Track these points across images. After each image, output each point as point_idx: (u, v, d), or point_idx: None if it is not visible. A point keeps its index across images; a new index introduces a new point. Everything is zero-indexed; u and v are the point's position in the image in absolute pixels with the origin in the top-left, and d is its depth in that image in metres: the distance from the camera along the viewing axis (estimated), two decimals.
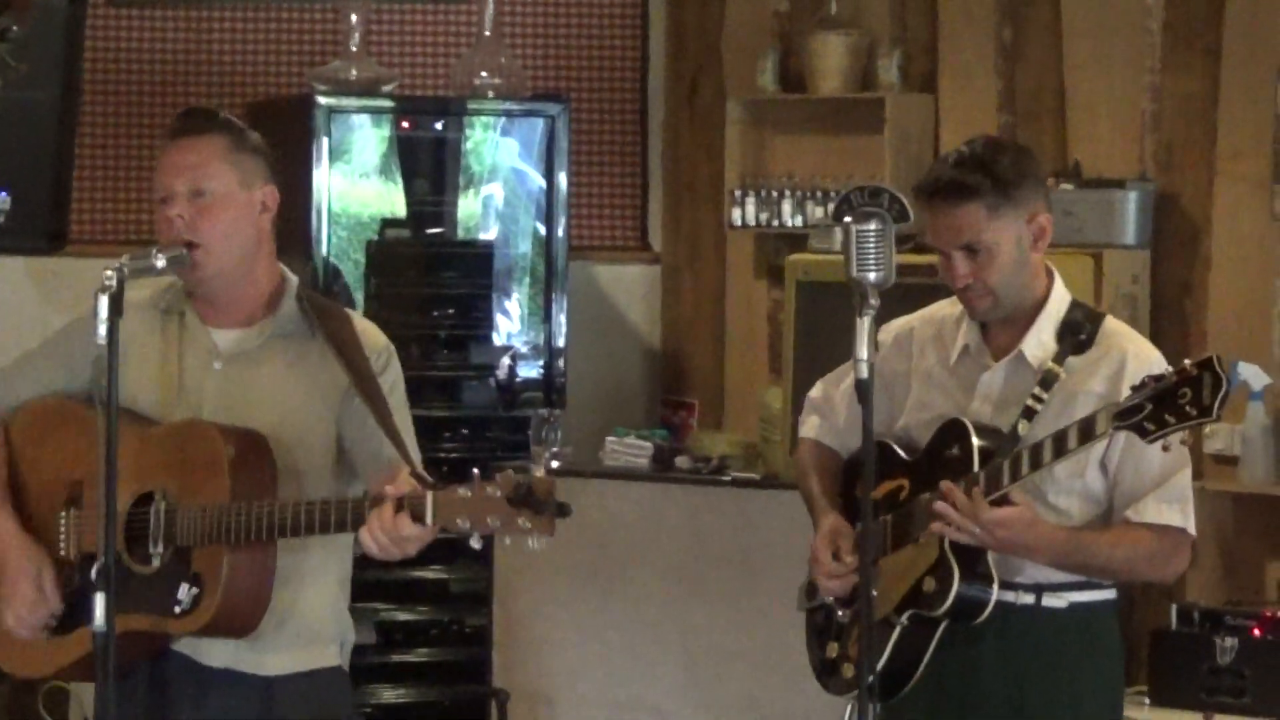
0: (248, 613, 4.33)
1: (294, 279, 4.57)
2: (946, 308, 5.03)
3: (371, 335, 4.54)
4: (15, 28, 5.57)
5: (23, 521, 4.50)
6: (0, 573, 4.45)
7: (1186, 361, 4.37)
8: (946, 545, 4.77)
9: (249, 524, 4.27)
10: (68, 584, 4.44)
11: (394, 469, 4.37)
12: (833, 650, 4.98)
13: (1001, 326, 4.88)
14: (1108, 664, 4.97)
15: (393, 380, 4.52)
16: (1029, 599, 4.79)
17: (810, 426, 5.08)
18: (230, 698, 4.41)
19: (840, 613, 4.94)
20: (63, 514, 4.45)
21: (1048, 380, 4.82)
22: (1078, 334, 4.84)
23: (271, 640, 4.39)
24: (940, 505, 4.65)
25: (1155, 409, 4.41)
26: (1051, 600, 4.82)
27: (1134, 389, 4.47)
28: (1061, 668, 4.91)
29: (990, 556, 4.73)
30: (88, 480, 4.39)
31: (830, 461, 5.06)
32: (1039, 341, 4.85)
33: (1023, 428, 4.75)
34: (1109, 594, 4.86)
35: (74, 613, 4.41)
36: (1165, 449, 4.48)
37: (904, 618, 4.85)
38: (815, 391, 5.13)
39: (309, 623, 4.48)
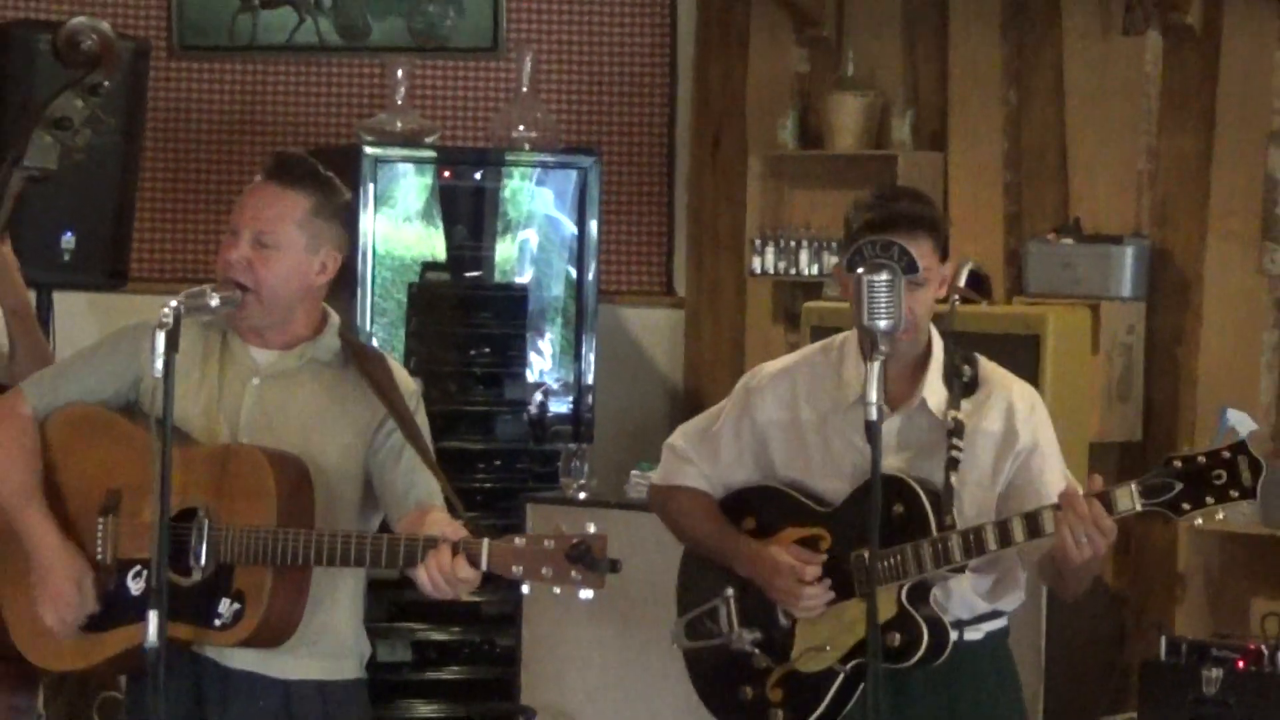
0: (283, 629, 4.32)
1: (336, 317, 4.55)
2: (818, 355, 4.93)
3: (404, 378, 4.51)
4: (107, 83, 5.59)
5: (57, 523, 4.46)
6: (40, 573, 4.43)
7: (1220, 448, 4.34)
8: (903, 598, 4.72)
9: (302, 550, 4.25)
10: (103, 587, 4.42)
11: (425, 508, 4.36)
12: (748, 692, 4.90)
13: (893, 373, 4.65)
14: (1015, 686, 4.94)
15: (422, 421, 4.50)
16: (954, 635, 4.72)
17: (686, 475, 4.94)
18: (251, 699, 4.39)
19: (756, 653, 4.88)
20: (100, 520, 4.44)
21: (960, 429, 4.69)
22: (961, 377, 4.76)
23: (295, 649, 4.38)
24: (1071, 518, 4.43)
25: (1189, 488, 4.36)
26: (970, 634, 4.75)
27: (1159, 468, 4.41)
28: (984, 694, 4.85)
29: (933, 599, 4.68)
30: (126, 489, 4.37)
31: (715, 505, 4.92)
32: (934, 388, 4.74)
33: (954, 480, 4.65)
34: (1005, 622, 4.83)
35: (107, 613, 4.41)
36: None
37: (848, 666, 4.80)
38: (677, 440, 5.03)
39: (333, 638, 4.46)
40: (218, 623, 4.29)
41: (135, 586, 4.36)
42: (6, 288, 5.51)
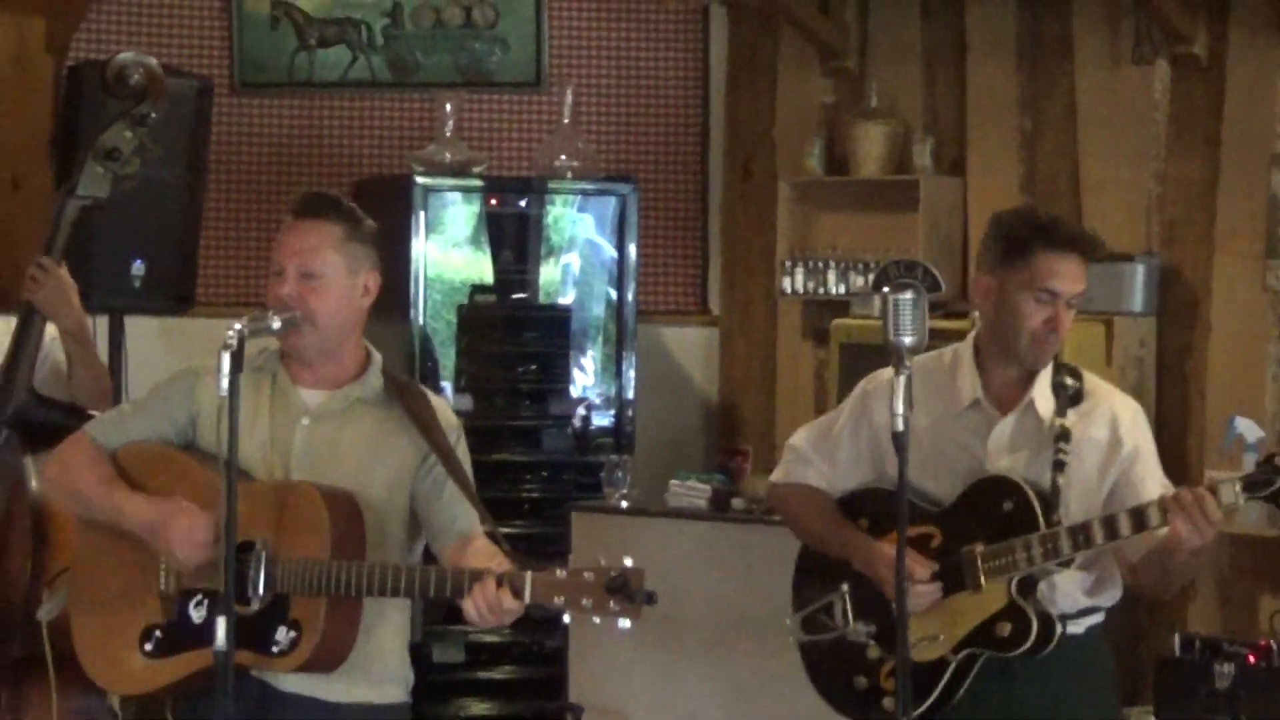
0: (336, 655, 4.33)
1: (378, 355, 4.56)
2: (932, 362, 4.96)
3: (445, 413, 4.53)
4: (154, 114, 5.59)
5: (121, 555, 4.46)
6: (151, 533, 4.38)
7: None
8: (1013, 590, 4.76)
9: (355, 581, 4.26)
10: (166, 616, 4.43)
11: (467, 538, 4.38)
12: (861, 682, 4.92)
13: (1005, 380, 4.84)
14: (1111, 679, 5.00)
15: (462, 453, 4.50)
16: (1059, 628, 4.78)
17: (807, 475, 4.99)
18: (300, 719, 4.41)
19: (871, 644, 4.90)
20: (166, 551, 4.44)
21: (1065, 434, 4.79)
22: (1068, 389, 4.85)
23: (346, 675, 4.37)
24: (1183, 505, 4.55)
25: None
26: (1073, 627, 4.80)
27: (1262, 465, 4.58)
28: (1085, 685, 4.89)
29: (1040, 593, 4.75)
30: None
31: (833, 504, 4.98)
32: (1044, 395, 4.82)
33: (1060, 481, 4.73)
34: (1102, 617, 4.87)
35: (173, 639, 4.41)
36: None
37: (960, 656, 4.82)
38: (799, 441, 5.04)
39: (381, 665, 4.46)
40: (275, 649, 4.30)
41: (197, 615, 4.37)
42: (64, 309, 5.52)
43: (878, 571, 4.82)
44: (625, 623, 4.10)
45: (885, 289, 4.49)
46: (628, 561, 4.10)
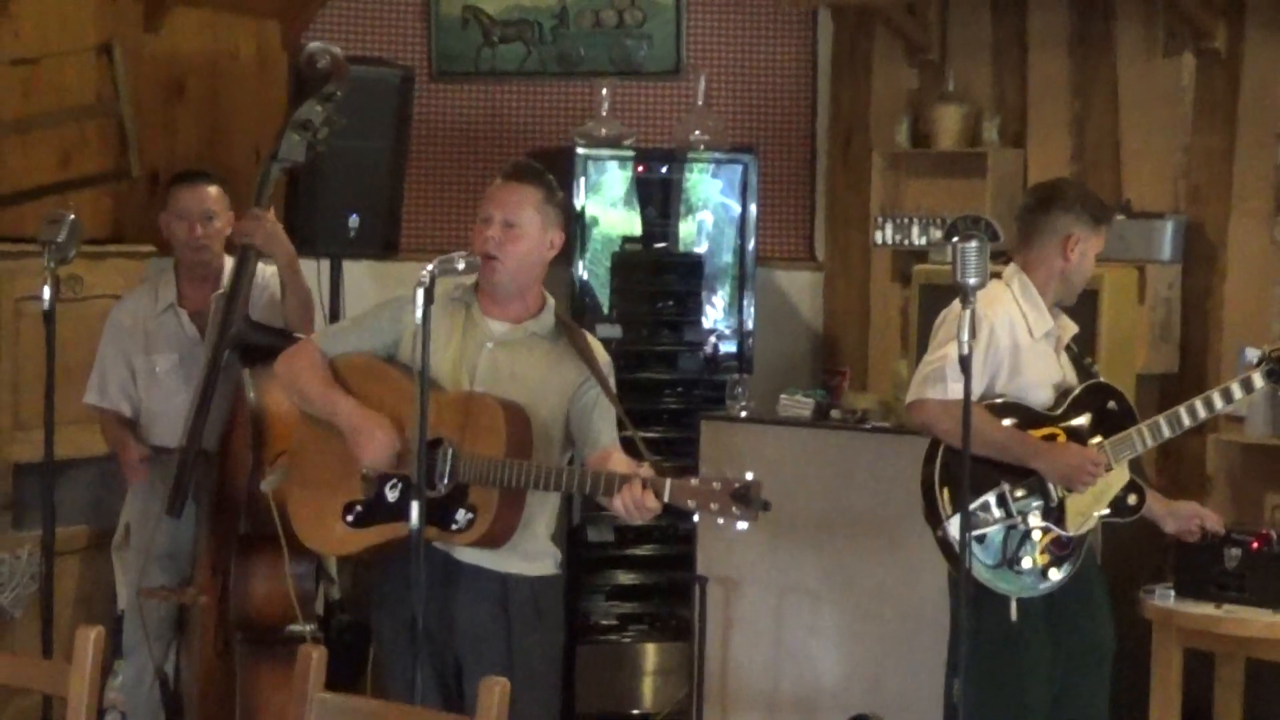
0: (503, 536, 4.38)
1: (552, 300, 4.60)
2: (1007, 300, 5.02)
3: (600, 351, 4.59)
4: (339, 92, 5.61)
5: (332, 442, 4.51)
6: (352, 434, 4.44)
7: None
8: (1129, 470, 4.91)
9: (526, 477, 4.30)
10: (366, 494, 4.47)
11: (607, 450, 4.43)
12: (1033, 560, 4.95)
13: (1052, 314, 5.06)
14: None
15: (612, 385, 4.54)
16: None
17: (955, 391, 4.69)
18: (477, 584, 4.46)
19: (1042, 526, 4.94)
20: None
21: (1075, 351, 5.12)
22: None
23: (509, 551, 4.43)
24: None
25: None
26: None
27: (1263, 358, 5.09)
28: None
29: None
30: (390, 419, 4.43)
31: (990, 414, 4.96)
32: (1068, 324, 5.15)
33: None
34: None
35: (370, 513, 4.45)
36: None
37: (1098, 525, 5.05)
38: (943, 363, 4.88)
39: (536, 544, 4.52)
40: (454, 527, 4.36)
41: (391, 495, 4.43)
42: (278, 245, 5.59)
43: (1067, 465, 4.92)
44: (743, 525, 4.11)
45: (954, 239, 4.49)
46: (749, 475, 4.10)
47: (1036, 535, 4.92)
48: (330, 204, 6.83)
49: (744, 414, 6.97)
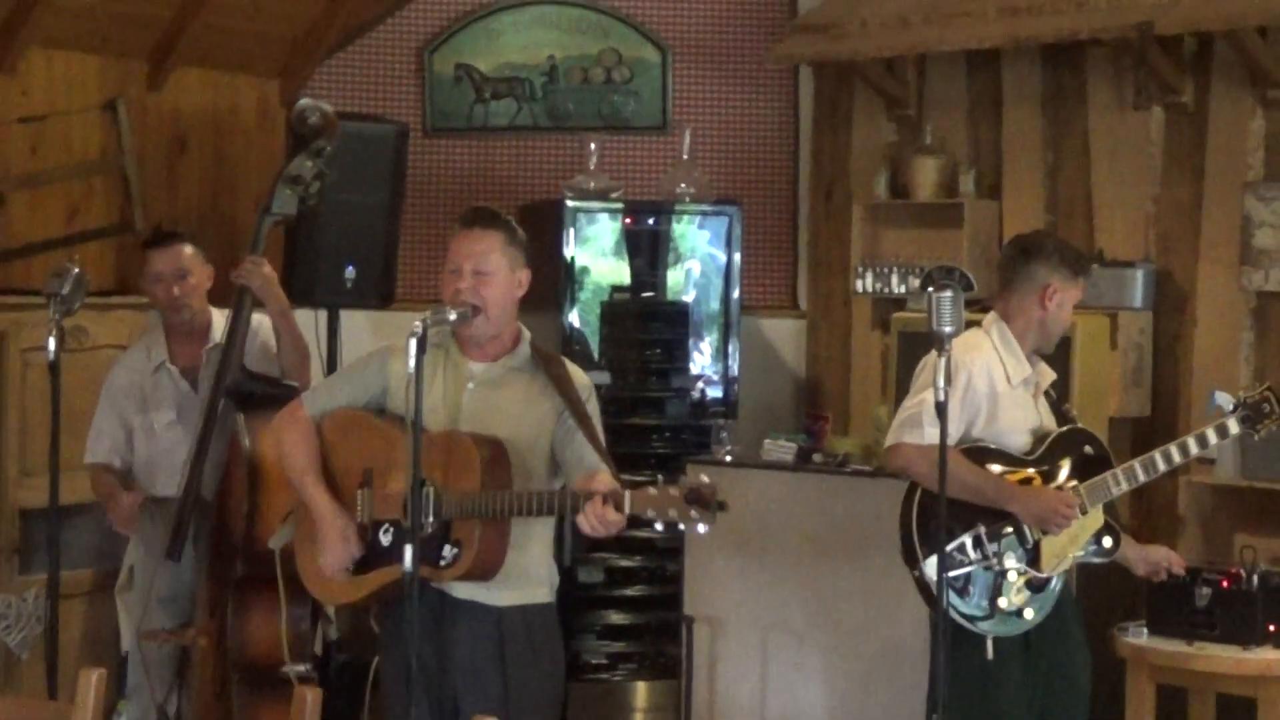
0: (491, 565, 4.38)
1: (528, 333, 4.61)
2: (986, 348, 5.03)
3: (579, 376, 4.58)
4: (329, 148, 5.62)
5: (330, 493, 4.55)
6: (319, 529, 4.51)
7: (1264, 388, 5.18)
8: (1105, 512, 4.93)
9: (500, 506, 4.31)
10: (363, 539, 4.50)
11: (594, 470, 4.41)
12: (1004, 602, 4.95)
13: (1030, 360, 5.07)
14: None
15: (593, 408, 4.56)
16: None
17: (931, 436, 4.78)
18: (471, 620, 4.46)
19: (1016, 568, 4.93)
20: (359, 492, 4.51)
21: (1054, 397, 5.11)
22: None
23: (502, 582, 4.43)
24: None
25: (1255, 415, 5.10)
26: None
27: (1238, 404, 5.12)
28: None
29: None
30: (377, 468, 4.47)
31: (966, 459, 4.96)
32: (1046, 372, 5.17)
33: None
34: None
35: (366, 561, 4.48)
36: None
37: (1072, 566, 5.01)
38: (920, 409, 4.92)
39: (529, 572, 4.51)
40: (442, 563, 4.37)
41: (385, 539, 4.45)
42: (273, 293, 5.59)
43: (1041, 508, 4.91)
44: (703, 527, 4.12)
45: (930, 289, 4.50)
46: (703, 478, 4.12)
47: (1012, 576, 4.92)
48: (327, 255, 6.84)
49: (729, 458, 6.97)
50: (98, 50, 7.19)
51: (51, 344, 5.13)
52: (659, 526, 4.17)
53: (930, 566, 4.85)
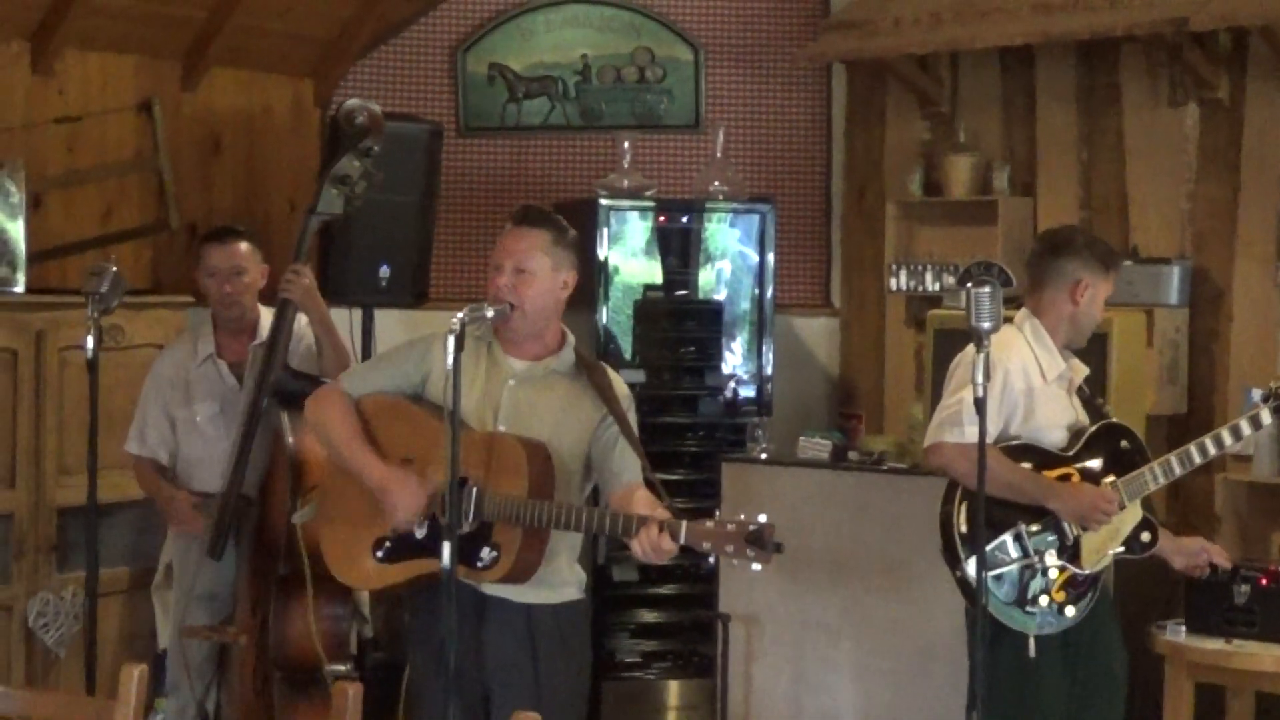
0: (526, 573, 4.36)
1: (572, 337, 4.58)
2: (1020, 345, 5.02)
3: (620, 386, 4.54)
4: (376, 148, 5.62)
5: (361, 481, 4.49)
6: (380, 493, 4.42)
7: None
8: (1142, 507, 4.90)
9: (548, 517, 4.28)
10: (395, 531, 4.46)
11: (631, 487, 4.38)
12: (1049, 598, 4.93)
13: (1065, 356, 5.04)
14: None
15: (632, 419, 4.52)
16: None
17: (971, 435, 4.74)
18: (502, 616, 4.44)
19: (1057, 565, 4.92)
20: None
21: (1087, 393, 5.06)
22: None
23: (533, 582, 4.41)
24: None
25: None
26: None
27: (1269, 394, 5.05)
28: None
29: None
30: (416, 459, 4.42)
31: (1004, 456, 4.96)
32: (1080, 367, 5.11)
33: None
34: None
35: (399, 549, 4.45)
36: None
37: (1112, 562, 5.03)
38: (960, 408, 4.89)
39: (559, 574, 4.50)
40: (479, 564, 4.34)
41: (420, 532, 4.41)
42: (314, 303, 5.60)
43: (1081, 505, 4.89)
44: (757, 566, 4.09)
45: (968, 285, 4.49)
46: (762, 518, 4.07)
47: (1053, 573, 4.90)
48: (362, 254, 6.85)
49: (764, 456, 6.96)
50: (133, 51, 7.21)
51: (90, 343, 5.13)
52: (712, 560, 4.16)
53: (973, 566, 4.82)
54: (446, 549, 4.16)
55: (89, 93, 7.09)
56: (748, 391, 7.72)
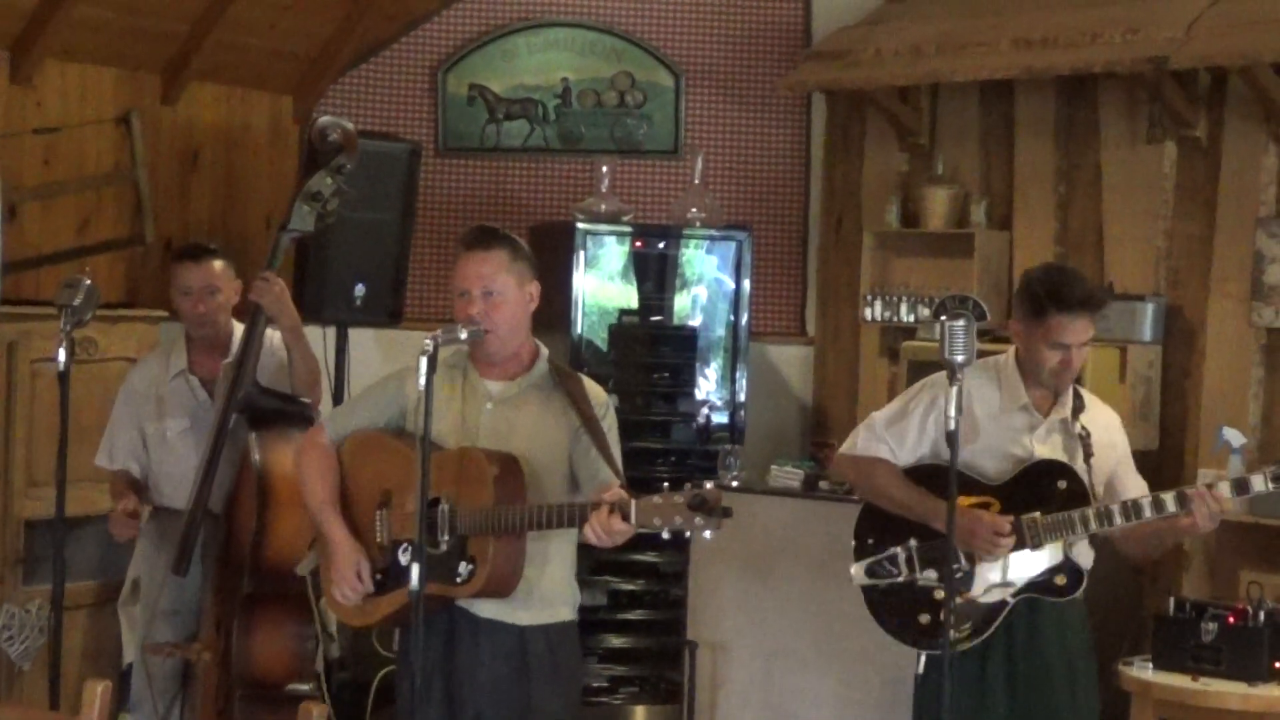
0: (507, 582, 4.37)
1: (545, 349, 4.59)
2: (988, 368, 5.02)
3: (595, 392, 4.56)
4: (349, 165, 5.61)
5: (350, 519, 4.56)
6: (333, 561, 4.51)
7: None
8: (1066, 550, 4.81)
9: (509, 521, 4.31)
10: (382, 561, 4.49)
11: (608, 484, 4.39)
12: (925, 619, 4.91)
13: (1040, 392, 4.93)
14: (1086, 615, 5.08)
15: (610, 424, 4.54)
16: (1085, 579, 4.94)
17: (880, 450, 4.97)
18: (495, 640, 4.45)
19: (935, 587, 4.88)
20: (378, 513, 4.51)
21: (1089, 435, 4.88)
22: (1080, 399, 4.97)
23: (524, 602, 4.43)
24: (1210, 500, 4.71)
25: None
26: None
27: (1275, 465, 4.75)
28: (1084, 625, 4.97)
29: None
30: (395, 489, 4.47)
31: (902, 474, 4.97)
32: (1065, 404, 4.94)
33: (1090, 467, 4.87)
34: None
35: (387, 581, 4.47)
36: None
37: (1017, 600, 4.86)
38: (877, 421, 5.01)
39: (550, 590, 4.50)
40: (458, 579, 4.35)
41: (404, 558, 4.43)
42: (285, 311, 5.58)
43: (963, 530, 4.79)
44: (708, 534, 4.11)
45: (942, 317, 4.49)
46: (708, 485, 4.10)
47: (937, 594, 4.87)
48: (338, 272, 6.84)
49: (735, 483, 6.96)
50: (113, 63, 7.20)
51: (62, 355, 5.12)
52: (665, 535, 4.16)
53: (855, 570, 4.96)
54: (415, 571, 4.17)
55: (68, 104, 7.08)
56: (721, 418, 7.72)
